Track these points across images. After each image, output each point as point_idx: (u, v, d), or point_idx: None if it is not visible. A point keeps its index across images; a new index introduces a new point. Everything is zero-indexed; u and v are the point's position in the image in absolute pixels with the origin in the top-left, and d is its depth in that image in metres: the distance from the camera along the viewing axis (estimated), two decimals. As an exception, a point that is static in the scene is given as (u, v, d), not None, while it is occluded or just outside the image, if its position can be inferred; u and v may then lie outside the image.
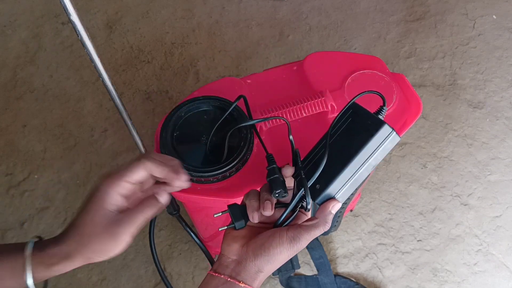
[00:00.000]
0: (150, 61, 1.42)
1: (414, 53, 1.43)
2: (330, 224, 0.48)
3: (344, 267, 1.07)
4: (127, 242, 0.45)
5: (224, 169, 0.65)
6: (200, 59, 1.42)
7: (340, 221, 1.04)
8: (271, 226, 0.51)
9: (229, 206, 0.52)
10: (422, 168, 1.21)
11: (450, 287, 1.04)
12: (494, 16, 1.52)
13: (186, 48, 1.45)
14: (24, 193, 1.17)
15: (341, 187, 0.48)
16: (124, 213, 0.45)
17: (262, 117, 0.72)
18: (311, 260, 1.05)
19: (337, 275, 1.05)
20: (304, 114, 0.74)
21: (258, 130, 0.72)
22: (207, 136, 0.68)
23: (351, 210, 1.14)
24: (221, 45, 1.46)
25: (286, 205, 0.50)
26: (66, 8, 0.55)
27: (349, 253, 1.08)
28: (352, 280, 1.04)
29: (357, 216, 1.14)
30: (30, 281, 0.45)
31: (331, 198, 0.49)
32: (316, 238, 1.07)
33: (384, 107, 0.51)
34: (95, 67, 0.65)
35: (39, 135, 1.28)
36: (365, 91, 0.52)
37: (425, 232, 1.11)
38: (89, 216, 0.44)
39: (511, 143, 1.25)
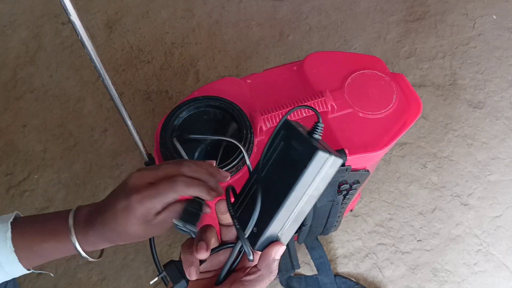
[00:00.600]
0: (150, 61, 1.42)
1: (414, 53, 1.43)
2: (277, 271, 0.41)
3: (344, 267, 1.07)
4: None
5: (225, 169, 0.65)
6: (200, 59, 1.42)
7: (340, 221, 1.04)
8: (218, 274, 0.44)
9: (165, 266, 0.45)
10: (422, 168, 1.21)
11: (450, 287, 1.04)
12: (494, 16, 1.52)
13: (186, 48, 1.45)
14: (24, 193, 1.17)
15: (282, 227, 0.40)
16: (151, 224, 0.44)
17: (262, 117, 0.72)
18: (311, 260, 1.05)
19: (337, 275, 1.05)
20: (304, 114, 0.74)
21: (258, 130, 0.72)
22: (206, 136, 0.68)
23: (351, 210, 1.14)
24: (221, 45, 1.46)
25: (233, 247, 0.43)
26: (66, 8, 0.55)
27: (349, 253, 1.08)
28: (352, 280, 1.04)
29: (357, 216, 1.14)
30: (77, 244, 0.46)
31: (273, 242, 0.41)
32: (316, 238, 1.07)
33: (320, 124, 0.42)
34: (95, 67, 0.65)
35: (39, 135, 1.28)
36: (299, 106, 0.47)
37: (425, 232, 1.11)
38: (118, 220, 0.44)
39: (511, 143, 1.25)
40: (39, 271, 0.53)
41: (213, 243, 0.43)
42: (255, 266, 0.41)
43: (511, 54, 1.42)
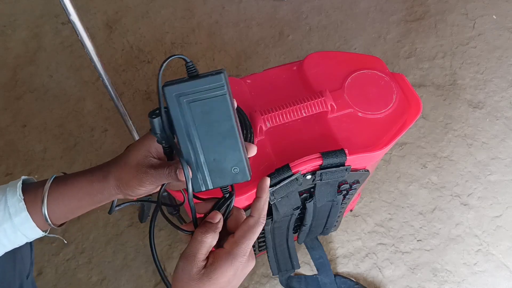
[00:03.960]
0: (150, 61, 1.42)
1: (414, 53, 1.43)
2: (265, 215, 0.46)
3: (344, 267, 1.07)
4: (149, 190, 0.47)
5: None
6: (200, 59, 1.42)
7: (340, 221, 1.04)
8: None
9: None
10: (422, 168, 1.21)
11: (450, 287, 1.04)
12: (494, 16, 1.52)
13: (186, 48, 1.45)
14: (24, 193, 1.17)
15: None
16: (155, 167, 0.47)
17: (262, 117, 0.72)
18: (311, 260, 1.05)
19: (337, 275, 1.05)
20: (304, 114, 0.74)
21: (258, 130, 0.72)
22: None
23: (351, 210, 1.14)
24: (221, 45, 1.46)
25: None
26: (66, 8, 0.55)
27: (349, 253, 1.08)
28: (352, 280, 1.04)
29: (357, 216, 1.14)
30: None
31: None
32: (316, 238, 1.07)
33: (189, 63, 0.45)
34: (95, 67, 0.65)
35: (39, 135, 1.28)
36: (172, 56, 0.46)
37: (425, 232, 1.11)
38: (132, 149, 0.48)
39: (511, 143, 1.25)
40: (52, 235, 0.53)
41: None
42: (248, 219, 0.46)
43: (511, 54, 1.42)
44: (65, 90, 1.37)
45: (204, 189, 0.46)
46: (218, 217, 0.47)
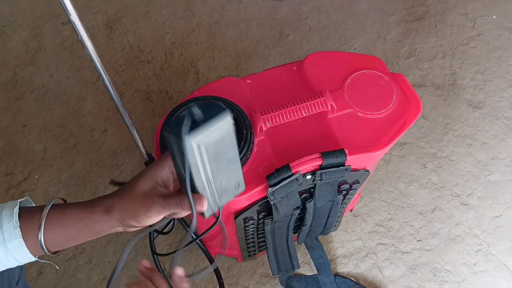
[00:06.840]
0: (150, 61, 1.42)
1: (414, 53, 1.44)
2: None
3: (344, 267, 1.07)
4: (154, 220, 0.49)
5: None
6: (200, 59, 1.43)
7: (340, 221, 1.04)
8: None
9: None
10: (422, 168, 1.21)
11: (450, 287, 1.04)
12: (494, 16, 1.52)
13: (186, 48, 1.45)
14: (24, 193, 1.17)
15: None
16: (163, 196, 0.48)
17: (262, 117, 0.72)
18: (311, 260, 1.05)
19: (337, 275, 1.05)
20: (304, 114, 0.74)
21: (258, 130, 0.72)
22: None
23: (351, 210, 1.14)
24: (221, 45, 1.46)
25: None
26: (66, 8, 0.55)
27: (349, 253, 1.09)
28: (352, 280, 1.04)
29: (357, 216, 1.14)
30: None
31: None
32: (316, 238, 1.07)
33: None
34: (95, 67, 0.65)
35: (39, 135, 1.28)
36: None
37: (425, 232, 1.11)
38: (138, 180, 0.49)
39: (511, 143, 1.25)
40: (44, 261, 0.53)
41: None
42: None
43: (511, 54, 1.42)
44: (65, 90, 1.37)
45: (213, 212, 0.51)
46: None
